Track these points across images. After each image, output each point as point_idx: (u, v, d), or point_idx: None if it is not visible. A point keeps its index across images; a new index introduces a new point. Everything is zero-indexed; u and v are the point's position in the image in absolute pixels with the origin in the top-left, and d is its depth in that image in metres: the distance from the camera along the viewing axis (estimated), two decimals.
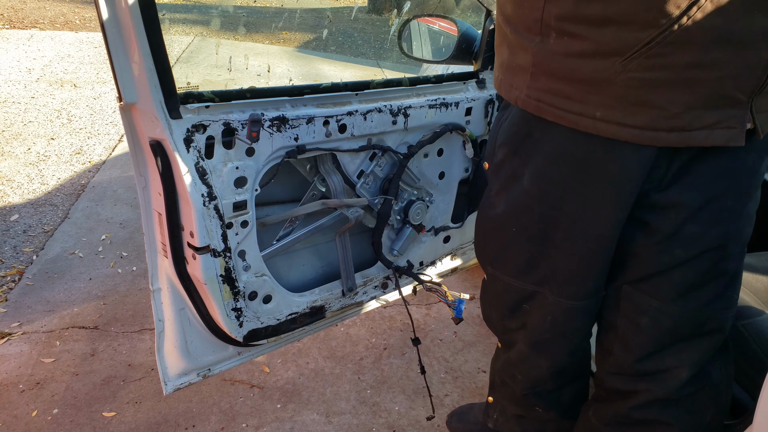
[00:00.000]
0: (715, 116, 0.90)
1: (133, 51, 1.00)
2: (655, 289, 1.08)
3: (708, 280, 1.05)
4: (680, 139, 0.92)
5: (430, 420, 1.77)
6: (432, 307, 2.40)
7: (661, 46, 0.85)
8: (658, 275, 1.07)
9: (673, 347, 1.11)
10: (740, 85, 0.88)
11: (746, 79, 0.87)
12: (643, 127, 0.92)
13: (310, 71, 6.38)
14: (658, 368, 1.13)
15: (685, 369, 1.11)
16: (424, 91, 1.47)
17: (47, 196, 3.17)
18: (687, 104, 0.89)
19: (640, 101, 0.91)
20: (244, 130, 1.15)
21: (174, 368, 1.33)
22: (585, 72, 0.92)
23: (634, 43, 0.86)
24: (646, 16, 0.84)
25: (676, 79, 0.88)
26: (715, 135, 0.91)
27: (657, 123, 0.91)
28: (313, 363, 2.04)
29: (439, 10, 7.18)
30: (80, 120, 4.30)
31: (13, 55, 5.80)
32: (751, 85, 0.88)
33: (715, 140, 0.91)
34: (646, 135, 0.92)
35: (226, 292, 1.26)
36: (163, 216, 1.16)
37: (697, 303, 1.06)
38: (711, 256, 1.03)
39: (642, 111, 0.91)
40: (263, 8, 10.14)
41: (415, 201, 1.55)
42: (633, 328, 1.13)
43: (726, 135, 0.91)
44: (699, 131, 0.91)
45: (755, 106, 0.90)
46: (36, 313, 2.24)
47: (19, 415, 1.78)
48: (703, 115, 0.90)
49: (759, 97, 0.90)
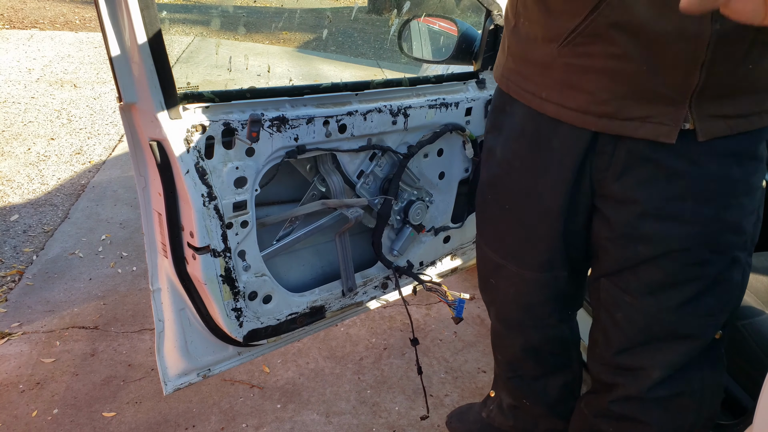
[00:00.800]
0: (645, 109, 0.93)
1: (133, 51, 1.00)
2: (626, 284, 1.09)
3: (679, 282, 1.04)
4: (610, 126, 0.97)
5: (423, 420, 1.77)
6: (432, 307, 2.40)
7: (583, 36, 0.92)
8: (627, 270, 1.08)
9: (647, 346, 1.11)
10: (669, 83, 0.90)
11: (673, 78, 0.89)
12: (577, 109, 0.99)
13: (310, 71, 6.39)
14: (633, 365, 1.14)
15: (657, 369, 1.11)
16: (424, 91, 1.47)
17: (47, 196, 3.17)
18: (613, 93, 0.95)
19: (573, 85, 0.98)
20: (244, 130, 1.15)
21: (174, 368, 1.33)
22: (535, 55, 1.03)
23: (564, 30, 0.94)
24: (570, 6, 0.91)
25: (600, 68, 0.93)
26: (646, 128, 0.94)
27: (587, 107, 0.98)
28: (313, 363, 2.04)
29: (439, 10, 7.17)
30: (80, 120, 4.30)
31: (13, 55, 5.80)
32: (681, 84, 0.89)
33: (644, 133, 0.95)
34: (579, 117, 1.00)
35: (226, 292, 1.26)
36: (163, 216, 1.16)
37: (668, 304, 1.05)
38: (679, 257, 1.01)
39: (575, 95, 0.99)
40: (263, 8, 10.14)
41: (415, 201, 1.55)
42: (611, 322, 1.14)
43: (656, 130, 0.94)
44: (629, 122, 0.95)
45: (697, 108, 0.91)
46: (36, 313, 2.24)
47: (19, 415, 1.78)
48: (632, 106, 0.94)
49: (701, 99, 0.90)
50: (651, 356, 1.11)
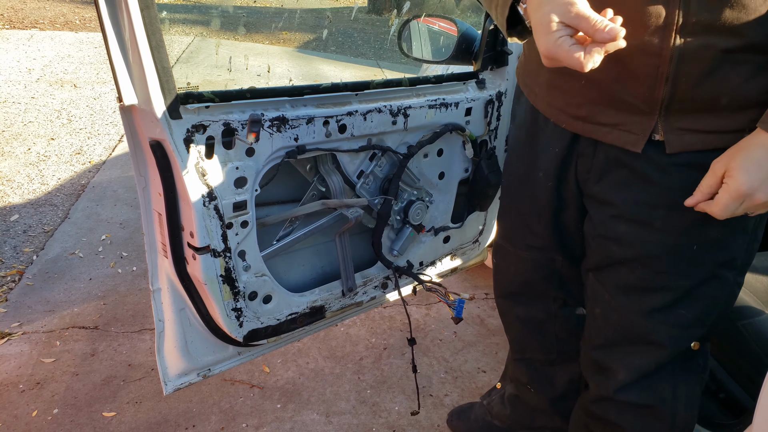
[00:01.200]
0: (616, 117, 0.96)
1: (133, 51, 1.00)
2: (606, 281, 1.11)
3: (650, 288, 1.04)
4: (583, 129, 1.02)
5: (414, 415, 1.78)
6: (432, 307, 2.40)
7: None
8: (606, 268, 1.10)
9: (619, 346, 1.12)
10: (634, 94, 0.92)
11: (638, 90, 0.91)
12: (558, 109, 1.06)
13: (310, 71, 6.39)
14: (604, 363, 1.15)
15: (623, 371, 1.11)
16: (424, 91, 1.47)
17: (47, 196, 3.17)
18: (587, 97, 0.98)
19: (556, 86, 1.05)
20: (244, 131, 1.15)
21: (174, 368, 1.33)
22: (534, 54, 1.06)
23: None
24: None
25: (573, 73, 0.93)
26: (614, 135, 0.97)
27: (566, 108, 1.04)
28: (313, 363, 2.04)
29: (439, 10, 7.17)
30: (80, 120, 4.30)
31: (13, 55, 5.80)
32: (646, 96, 0.91)
33: (613, 139, 0.98)
34: (560, 117, 1.06)
35: (226, 292, 1.26)
36: (163, 216, 1.16)
37: (639, 307, 1.06)
38: (650, 263, 1.02)
39: (557, 94, 1.05)
40: (263, 8, 10.14)
41: (415, 201, 1.55)
42: (592, 316, 1.17)
43: (624, 137, 0.96)
44: (601, 126, 0.99)
45: (666, 120, 0.92)
46: (36, 313, 2.24)
47: (19, 415, 1.78)
48: (604, 112, 0.97)
49: (670, 113, 0.91)
50: (620, 357, 1.12)
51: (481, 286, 2.55)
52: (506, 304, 1.46)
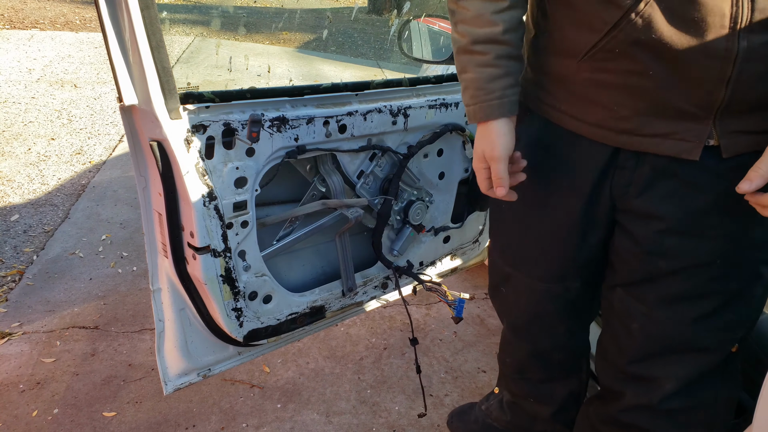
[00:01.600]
0: (668, 126, 0.92)
1: (133, 51, 1.00)
2: (643, 295, 1.07)
3: (698, 296, 1.02)
4: (630, 142, 0.96)
5: (421, 417, 1.78)
6: (432, 307, 2.40)
7: (604, 52, 0.91)
8: (645, 282, 1.06)
9: (661, 357, 1.09)
10: (691, 99, 0.88)
11: (697, 95, 0.88)
12: (596, 124, 0.99)
13: (310, 71, 6.39)
14: (645, 375, 1.12)
15: (671, 381, 1.09)
16: (424, 91, 1.47)
17: (47, 196, 3.17)
18: (635, 109, 0.93)
19: (593, 100, 0.98)
20: (244, 131, 1.15)
21: (174, 368, 1.33)
22: (555, 68, 1.02)
23: (584, 45, 0.93)
24: (591, 21, 0.91)
25: (621, 83, 0.92)
26: (668, 144, 0.93)
27: (607, 123, 0.97)
28: (313, 363, 2.04)
29: (439, 10, 7.17)
30: (80, 120, 4.30)
31: (14, 55, 5.80)
32: (705, 101, 0.88)
33: (666, 149, 0.93)
34: (598, 132, 0.99)
35: (227, 292, 1.26)
36: (164, 216, 1.16)
37: (686, 316, 1.04)
38: (700, 272, 1.00)
39: (595, 109, 0.98)
40: (263, 8, 10.14)
41: (415, 201, 1.56)
42: (625, 331, 1.12)
43: (678, 147, 0.92)
44: (650, 138, 0.94)
45: (721, 124, 0.90)
46: (36, 313, 2.24)
47: (20, 415, 1.78)
48: (654, 123, 0.93)
49: (725, 116, 0.89)
50: (664, 367, 1.09)
51: (481, 286, 2.55)
52: (513, 336, 1.39)
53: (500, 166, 1.01)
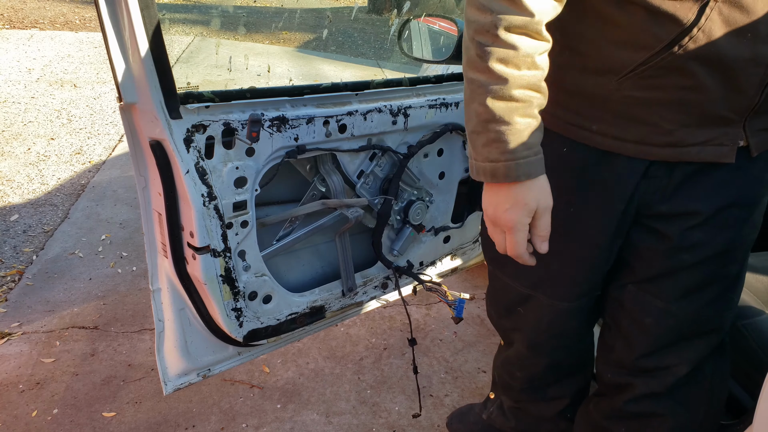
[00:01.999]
0: (707, 134, 0.94)
1: (133, 51, 1.00)
2: (660, 290, 1.09)
3: (710, 283, 1.07)
4: (673, 155, 0.96)
5: (415, 417, 1.78)
6: (432, 307, 2.40)
7: (654, 69, 0.89)
8: (663, 277, 1.08)
9: (675, 346, 1.12)
10: (732, 106, 0.92)
11: (738, 101, 0.91)
12: (636, 141, 0.97)
13: (310, 71, 6.38)
14: (659, 365, 1.15)
15: (684, 366, 1.13)
16: (424, 91, 1.47)
17: (47, 196, 3.17)
18: (680, 122, 0.93)
19: (633, 118, 0.95)
20: (244, 130, 1.15)
21: (174, 368, 1.33)
22: (585, 87, 0.98)
23: (628, 63, 0.90)
24: (639, 39, 0.88)
25: (669, 99, 0.92)
26: (707, 151, 0.95)
27: (649, 138, 0.96)
28: (313, 363, 2.04)
29: (439, 10, 7.17)
30: (80, 120, 4.30)
31: (13, 55, 5.80)
32: (743, 106, 0.91)
33: (705, 156, 0.95)
34: (638, 149, 0.97)
35: (226, 292, 1.26)
36: (163, 216, 1.16)
37: (699, 304, 1.08)
38: (716, 260, 1.04)
39: (635, 127, 0.96)
40: (263, 8, 10.13)
41: (415, 201, 1.55)
42: (636, 327, 1.14)
43: (717, 152, 0.95)
44: (691, 147, 0.95)
45: (749, 125, 0.94)
46: (36, 313, 2.24)
47: (19, 415, 1.78)
48: (696, 133, 0.94)
49: (753, 117, 0.93)
50: (678, 355, 1.13)
51: (481, 286, 2.55)
52: (530, 353, 1.36)
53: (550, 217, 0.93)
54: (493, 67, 0.84)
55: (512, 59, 0.84)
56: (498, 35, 0.83)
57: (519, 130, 0.86)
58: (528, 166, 0.88)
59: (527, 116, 0.87)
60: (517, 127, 0.86)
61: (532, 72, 0.86)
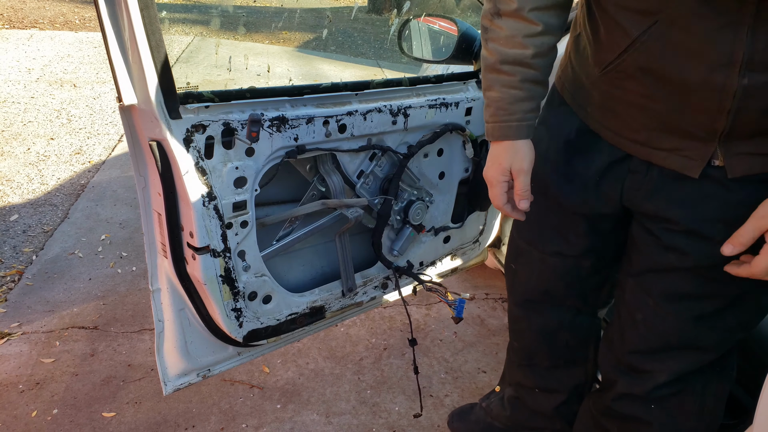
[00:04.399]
0: (673, 142, 0.97)
1: (133, 51, 1.00)
2: (651, 287, 1.11)
3: (700, 296, 1.06)
4: (641, 152, 1.03)
5: (417, 417, 1.78)
6: (432, 307, 2.40)
7: (617, 71, 0.97)
8: (653, 273, 1.10)
9: (661, 352, 1.13)
10: (696, 123, 0.92)
11: (701, 121, 0.91)
12: (614, 131, 1.06)
13: (310, 71, 6.38)
14: (641, 367, 1.16)
15: (664, 374, 1.13)
16: (424, 91, 1.47)
17: (47, 196, 3.17)
18: (644, 125, 0.99)
19: (611, 109, 1.04)
20: (244, 130, 1.15)
21: (174, 368, 1.33)
22: (586, 71, 1.07)
23: (604, 61, 0.99)
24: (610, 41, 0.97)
25: (631, 101, 0.98)
26: (673, 159, 0.98)
27: (621, 131, 1.04)
28: (313, 363, 2.04)
29: (439, 10, 7.17)
30: (80, 120, 4.29)
31: (13, 55, 5.80)
32: (708, 127, 0.91)
33: (672, 164, 0.99)
34: (615, 138, 1.06)
35: (226, 292, 1.26)
36: (163, 216, 1.16)
37: (687, 314, 1.07)
38: (704, 273, 1.03)
39: (612, 118, 1.05)
40: (263, 8, 10.13)
41: (415, 201, 1.55)
42: (630, 321, 1.16)
43: (682, 162, 0.97)
44: (658, 151, 0.99)
45: (724, 146, 0.93)
46: (36, 313, 2.24)
47: (19, 415, 1.78)
48: (662, 138, 0.98)
49: (730, 140, 0.92)
50: (661, 361, 1.13)
51: (481, 286, 2.55)
52: (522, 312, 1.43)
53: (527, 179, 1.06)
54: (487, 44, 1.04)
55: (501, 39, 1.01)
56: (492, 19, 1.02)
57: (501, 98, 1.04)
58: (506, 129, 1.05)
59: (512, 87, 1.03)
60: (501, 95, 1.03)
61: (520, 51, 1.00)
